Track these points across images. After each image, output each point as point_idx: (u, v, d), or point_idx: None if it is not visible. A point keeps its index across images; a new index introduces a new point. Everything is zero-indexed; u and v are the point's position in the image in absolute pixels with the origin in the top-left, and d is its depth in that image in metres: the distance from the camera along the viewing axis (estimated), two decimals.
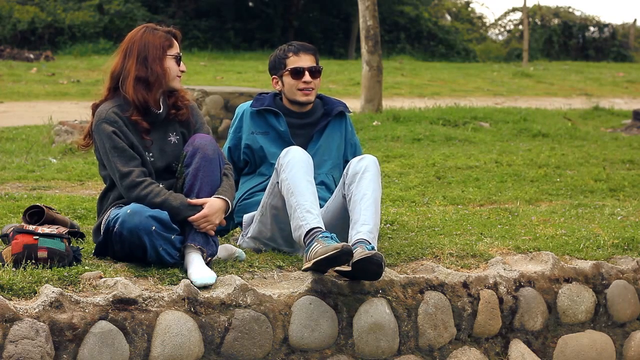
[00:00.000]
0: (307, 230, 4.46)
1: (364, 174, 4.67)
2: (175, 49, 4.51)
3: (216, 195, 4.44)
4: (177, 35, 4.55)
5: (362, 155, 4.81)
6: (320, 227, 4.45)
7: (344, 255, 4.27)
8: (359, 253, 4.32)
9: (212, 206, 4.40)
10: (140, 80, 4.42)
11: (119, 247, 4.35)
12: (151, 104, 4.45)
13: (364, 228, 4.50)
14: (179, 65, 4.52)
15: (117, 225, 4.28)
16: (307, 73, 5.06)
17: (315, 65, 5.09)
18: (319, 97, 5.27)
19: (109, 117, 4.40)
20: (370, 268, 4.33)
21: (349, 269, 4.37)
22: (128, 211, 4.25)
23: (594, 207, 6.51)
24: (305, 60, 5.08)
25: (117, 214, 4.32)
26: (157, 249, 4.27)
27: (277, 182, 4.69)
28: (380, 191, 4.71)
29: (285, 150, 4.73)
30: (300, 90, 5.07)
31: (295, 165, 4.63)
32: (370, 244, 4.42)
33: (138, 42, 4.46)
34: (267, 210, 4.80)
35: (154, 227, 4.23)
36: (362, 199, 4.60)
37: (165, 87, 4.50)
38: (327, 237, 4.38)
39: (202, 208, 4.39)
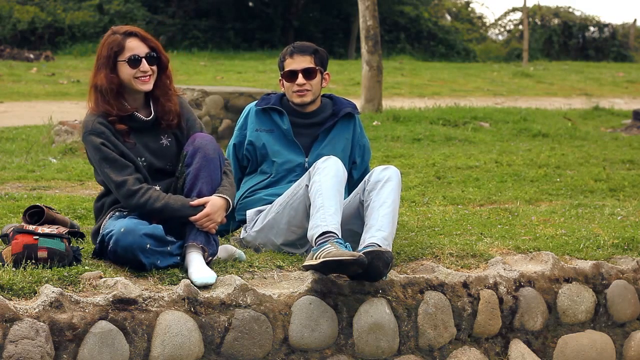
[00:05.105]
0: (324, 230, 4.45)
1: (387, 183, 4.68)
2: (129, 51, 4.37)
3: (217, 194, 4.44)
4: (137, 34, 4.41)
5: (386, 166, 4.82)
6: (337, 234, 4.46)
7: (357, 264, 4.26)
8: (370, 248, 4.34)
9: (214, 205, 4.40)
10: (96, 89, 4.38)
11: (113, 260, 4.34)
12: (116, 111, 4.37)
13: (380, 234, 4.51)
14: (135, 67, 4.37)
15: (111, 244, 4.26)
16: (300, 75, 5.05)
17: (310, 66, 5.07)
18: (329, 97, 5.27)
19: (95, 128, 4.36)
20: (376, 264, 4.33)
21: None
22: (122, 229, 4.21)
23: (594, 207, 6.51)
24: (299, 62, 5.07)
25: (112, 230, 4.28)
26: (155, 262, 4.27)
27: (307, 185, 4.69)
28: (399, 203, 4.72)
29: (325, 157, 4.74)
30: (295, 92, 5.08)
31: (331, 172, 4.63)
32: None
33: (99, 49, 4.42)
34: (285, 210, 4.79)
35: (148, 245, 4.22)
36: (382, 206, 4.61)
37: (129, 92, 4.42)
38: (341, 243, 4.39)
39: (204, 207, 4.39)
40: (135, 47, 4.40)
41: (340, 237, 4.45)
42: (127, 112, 4.42)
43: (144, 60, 4.39)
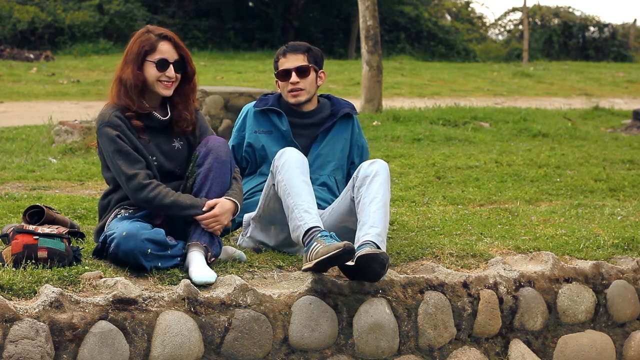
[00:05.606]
0: (305, 229, 4.46)
1: (375, 178, 4.66)
2: (159, 54, 4.40)
3: (227, 197, 4.45)
4: (171, 38, 4.46)
5: (373, 160, 4.80)
6: (319, 227, 4.46)
7: (346, 254, 4.27)
8: (365, 250, 4.33)
9: (223, 206, 4.42)
10: (120, 82, 4.41)
11: (113, 263, 4.34)
12: (135, 107, 4.40)
13: (373, 230, 4.50)
14: (162, 70, 4.41)
15: (112, 247, 4.27)
16: (293, 74, 5.04)
17: (303, 64, 5.05)
18: (327, 97, 5.27)
19: (112, 121, 4.38)
20: (373, 266, 4.33)
21: (352, 263, 4.36)
22: (124, 233, 4.22)
23: (594, 207, 6.51)
24: (292, 61, 5.06)
25: (113, 233, 4.29)
26: (156, 264, 4.28)
27: (274, 185, 4.69)
28: (389, 196, 4.71)
29: (279, 152, 4.73)
30: (289, 91, 5.07)
31: (290, 166, 4.63)
32: (377, 246, 4.42)
33: (130, 43, 4.45)
34: (264, 213, 4.81)
35: (149, 250, 4.23)
36: (372, 202, 4.60)
37: (149, 91, 4.44)
38: (326, 236, 4.39)
39: (213, 208, 4.40)
40: (166, 51, 4.44)
41: (322, 228, 4.46)
42: (145, 111, 4.45)
43: (171, 66, 4.43)
